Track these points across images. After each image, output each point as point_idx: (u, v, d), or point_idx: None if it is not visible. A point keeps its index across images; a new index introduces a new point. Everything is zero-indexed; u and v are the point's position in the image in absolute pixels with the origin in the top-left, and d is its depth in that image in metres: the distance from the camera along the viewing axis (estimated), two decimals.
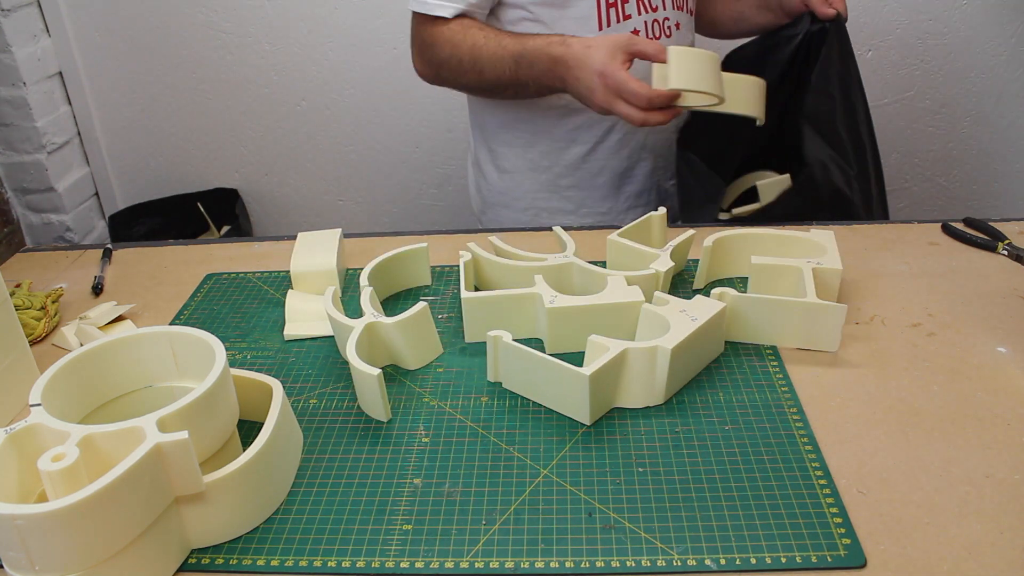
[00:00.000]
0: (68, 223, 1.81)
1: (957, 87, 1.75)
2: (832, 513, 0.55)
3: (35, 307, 0.83)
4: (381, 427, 0.65)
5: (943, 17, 1.68)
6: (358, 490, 0.59)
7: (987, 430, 0.62)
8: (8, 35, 1.62)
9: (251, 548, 0.54)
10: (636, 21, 1.06)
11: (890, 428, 0.63)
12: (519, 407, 0.67)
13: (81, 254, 1.00)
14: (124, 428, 0.51)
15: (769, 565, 0.51)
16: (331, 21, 1.76)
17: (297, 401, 0.69)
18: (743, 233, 0.82)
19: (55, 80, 1.79)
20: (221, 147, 1.91)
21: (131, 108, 1.87)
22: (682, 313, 0.68)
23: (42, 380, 0.55)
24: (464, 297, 0.73)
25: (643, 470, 0.59)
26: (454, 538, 0.54)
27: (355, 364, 0.64)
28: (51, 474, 0.47)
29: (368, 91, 1.82)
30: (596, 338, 0.65)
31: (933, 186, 1.87)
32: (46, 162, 1.74)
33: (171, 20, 1.77)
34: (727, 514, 0.55)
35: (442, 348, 0.74)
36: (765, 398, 0.66)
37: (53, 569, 0.46)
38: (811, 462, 0.59)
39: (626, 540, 0.54)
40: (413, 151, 1.87)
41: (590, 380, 0.61)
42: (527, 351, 0.65)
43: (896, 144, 1.82)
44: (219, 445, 0.56)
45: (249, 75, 1.82)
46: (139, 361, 0.61)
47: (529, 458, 0.61)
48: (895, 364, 0.70)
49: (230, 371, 0.58)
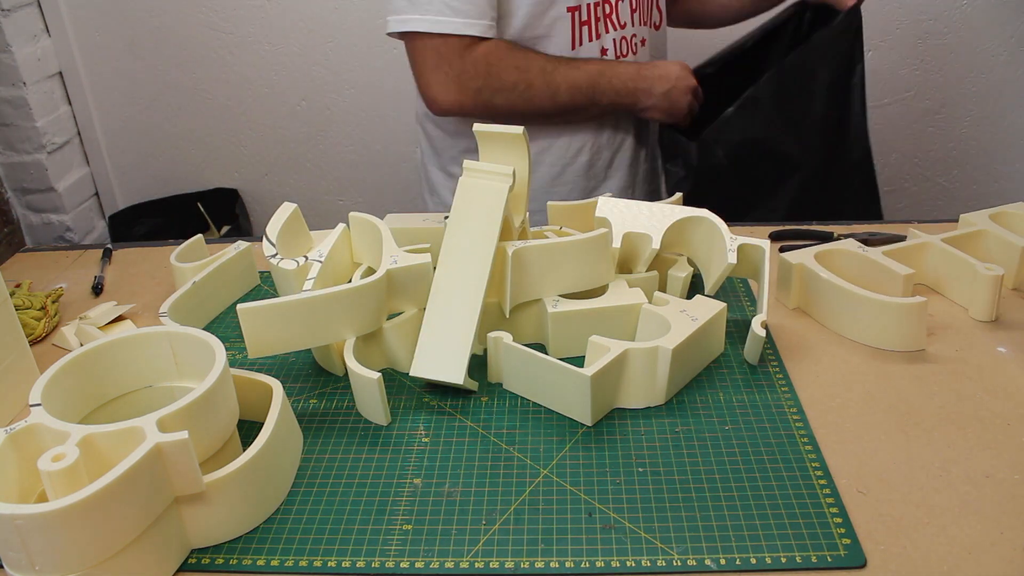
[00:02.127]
0: (68, 223, 1.81)
1: (957, 87, 1.75)
2: (832, 513, 0.55)
3: (35, 307, 0.83)
4: (381, 427, 0.65)
5: (943, 17, 1.68)
6: (358, 490, 0.59)
7: (987, 430, 0.62)
8: (8, 35, 1.62)
9: (251, 548, 0.54)
10: (605, 40, 1.07)
11: (890, 428, 0.63)
12: (519, 407, 0.67)
13: (81, 254, 1.00)
14: (124, 428, 0.51)
15: (769, 565, 0.51)
16: (331, 21, 1.76)
17: (297, 401, 0.69)
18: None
19: (55, 80, 1.79)
20: (221, 147, 1.91)
21: (131, 108, 1.87)
22: (682, 313, 0.68)
23: (42, 380, 0.55)
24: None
25: (643, 470, 0.59)
26: (454, 538, 0.54)
27: (354, 368, 0.64)
28: (51, 474, 0.47)
29: (368, 91, 1.82)
30: (597, 339, 0.65)
31: (933, 186, 1.87)
32: (46, 162, 1.74)
33: (171, 20, 1.77)
34: (727, 514, 0.55)
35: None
36: (765, 398, 0.66)
37: (53, 569, 0.46)
38: (811, 462, 0.59)
39: (626, 540, 0.54)
40: (413, 151, 1.87)
41: (591, 381, 0.61)
42: (528, 352, 0.65)
43: (896, 144, 1.82)
44: (219, 445, 0.56)
45: (249, 75, 1.82)
46: (139, 361, 0.61)
47: (529, 458, 0.61)
48: (895, 364, 0.70)
49: (230, 371, 0.58)
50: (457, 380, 0.65)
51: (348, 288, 0.65)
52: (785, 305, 0.80)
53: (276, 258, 0.73)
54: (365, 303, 0.67)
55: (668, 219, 0.76)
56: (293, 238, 0.78)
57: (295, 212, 0.78)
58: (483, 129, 0.72)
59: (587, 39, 1.06)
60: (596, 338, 0.65)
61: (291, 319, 0.64)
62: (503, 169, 0.70)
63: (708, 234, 0.77)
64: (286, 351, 0.65)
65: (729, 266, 0.72)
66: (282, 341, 0.65)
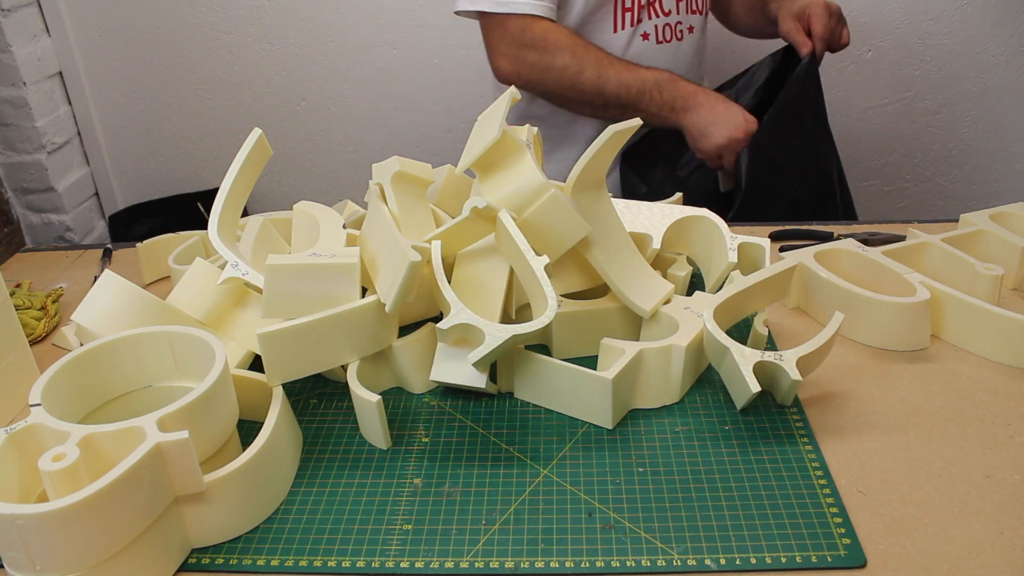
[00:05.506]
0: (68, 223, 1.81)
1: (957, 87, 1.75)
2: (832, 513, 0.55)
3: (35, 307, 0.83)
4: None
5: (943, 17, 1.68)
6: (358, 490, 0.59)
7: (987, 430, 0.62)
8: (8, 35, 1.62)
9: (251, 548, 0.54)
10: (647, 25, 1.09)
11: (890, 428, 0.63)
12: (519, 407, 0.67)
13: (81, 254, 1.00)
14: (124, 428, 0.51)
15: (769, 565, 0.51)
16: (331, 21, 1.76)
17: (297, 401, 0.69)
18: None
19: (55, 80, 1.79)
20: (221, 147, 1.91)
21: (131, 108, 1.87)
22: (687, 310, 0.68)
23: (42, 380, 0.55)
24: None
25: (643, 470, 0.59)
26: (454, 538, 0.54)
27: (355, 390, 0.62)
28: (51, 474, 0.47)
29: (368, 91, 1.82)
30: (609, 341, 0.65)
31: (933, 186, 1.87)
32: (46, 162, 1.74)
33: (171, 20, 1.77)
34: (727, 514, 0.55)
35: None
36: (765, 398, 0.66)
37: (54, 569, 0.46)
38: (811, 462, 0.59)
39: (626, 540, 0.54)
40: (413, 151, 1.87)
41: (613, 384, 0.61)
42: (543, 358, 0.64)
43: (896, 144, 1.82)
44: (219, 445, 0.56)
45: (249, 75, 1.82)
46: (139, 361, 0.61)
47: (529, 458, 0.61)
48: (895, 364, 0.70)
49: (230, 371, 0.58)
50: (479, 384, 0.63)
51: (359, 305, 0.63)
52: (785, 305, 0.80)
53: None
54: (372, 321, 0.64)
55: (668, 218, 0.77)
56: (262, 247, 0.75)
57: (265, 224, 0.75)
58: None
59: (629, 24, 1.10)
60: (608, 340, 0.65)
61: (311, 340, 0.62)
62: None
63: (708, 233, 0.77)
64: (308, 374, 0.63)
65: (730, 265, 0.72)
66: (306, 364, 0.63)
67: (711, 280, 0.76)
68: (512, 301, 0.70)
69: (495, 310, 0.66)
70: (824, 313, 0.76)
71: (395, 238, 0.63)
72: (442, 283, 0.64)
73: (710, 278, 0.76)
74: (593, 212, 0.69)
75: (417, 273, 0.61)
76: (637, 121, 0.66)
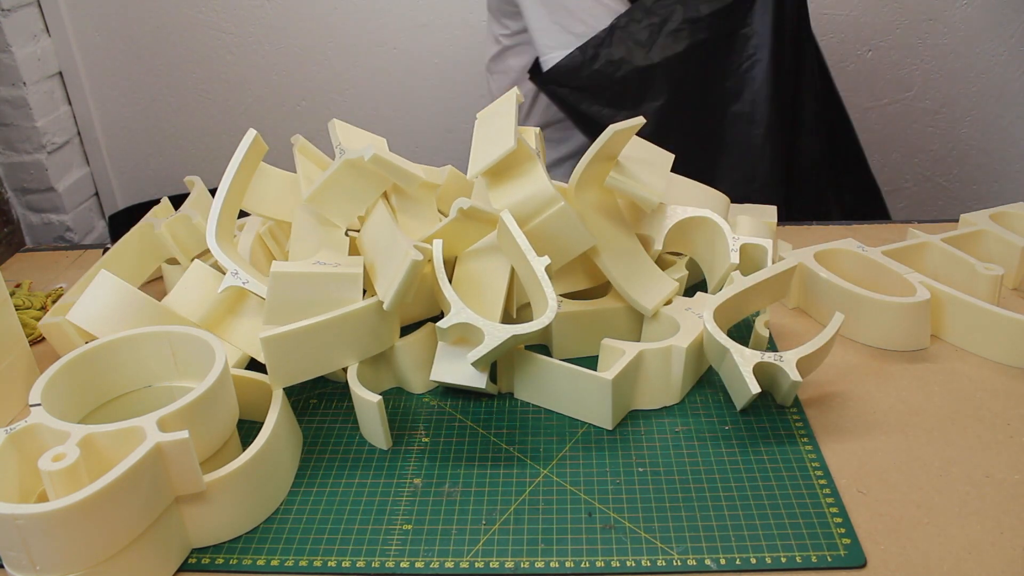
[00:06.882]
0: (68, 223, 1.81)
1: (957, 87, 1.75)
2: (832, 513, 0.55)
3: (35, 307, 0.83)
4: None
5: (943, 17, 1.68)
6: (358, 490, 0.59)
7: (987, 430, 0.62)
8: (8, 35, 1.62)
9: (251, 548, 0.54)
10: None
11: (890, 428, 0.63)
12: (519, 407, 0.67)
13: (81, 254, 1.00)
14: (124, 428, 0.51)
15: (769, 565, 0.51)
16: (331, 21, 1.76)
17: (297, 401, 0.69)
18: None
19: (55, 80, 1.79)
20: (221, 147, 1.91)
21: (131, 108, 1.87)
22: (688, 311, 0.68)
23: (42, 380, 0.55)
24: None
25: (643, 470, 0.59)
26: (454, 538, 0.54)
27: (355, 390, 0.62)
28: (51, 474, 0.47)
29: (368, 91, 1.82)
30: (609, 341, 0.65)
31: (933, 186, 1.87)
32: (46, 162, 1.74)
33: (171, 20, 1.77)
34: (727, 514, 0.55)
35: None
36: (765, 398, 0.66)
37: (54, 569, 0.46)
38: (811, 462, 0.59)
39: (626, 540, 0.54)
40: (413, 151, 1.87)
41: (612, 384, 0.61)
42: (543, 359, 0.64)
43: (896, 144, 1.82)
44: (219, 445, 0.56)
45: (249, 75, 1.82)
46: (139, 361, 0.61)
47: (529, 458, 0.61)
48: (895, 364, 0.70)
49: (230, 371, 0.58)
50: (479, 384, 0.63)
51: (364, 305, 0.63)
52: (785, 305, 0.80)
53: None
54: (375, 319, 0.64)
55: (671, 219, 0.76)
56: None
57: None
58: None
59: None
60: (609, 341, 0.65)
61: (315, 341, 0.61)
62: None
63: (710, 234, 0.77)
64: (311, 376, 0.63)
65: (732, 266, 0.72)
66: (309, 367, 0.62)
67: (714, 281, 0.76)
68: (513, 301, 0.70)
69: (496, 310, 0.66)
70: (824, 313, 0.76)
71: (396, 237, 0.63)
72: (443, 282, 0.64)
73: (713, 279, 0.76)
74: (597, 211, 0.69)
75: (418, 272, 0.61)
76: (640, 120, 0.66)
